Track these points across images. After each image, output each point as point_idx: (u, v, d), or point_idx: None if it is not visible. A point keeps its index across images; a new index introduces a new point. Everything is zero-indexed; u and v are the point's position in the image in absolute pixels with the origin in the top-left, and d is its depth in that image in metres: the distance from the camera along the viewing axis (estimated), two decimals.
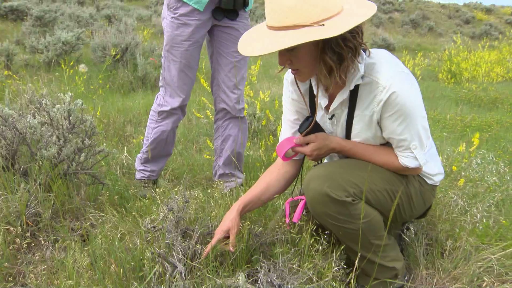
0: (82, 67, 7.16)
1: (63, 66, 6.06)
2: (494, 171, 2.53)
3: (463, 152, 2.75)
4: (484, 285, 1.87)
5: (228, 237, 1.74)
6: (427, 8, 31.41)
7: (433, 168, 1.82)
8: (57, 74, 6.45)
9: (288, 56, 1.56)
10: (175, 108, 2.68)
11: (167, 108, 2.67)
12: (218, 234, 1.73)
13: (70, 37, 7.79)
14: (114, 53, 6.92)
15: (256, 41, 1.54)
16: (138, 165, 2.87)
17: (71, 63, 6.63)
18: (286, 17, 1.44)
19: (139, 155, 2.88)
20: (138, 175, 2.87)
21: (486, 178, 2.45)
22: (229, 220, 1.75)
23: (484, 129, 4.88)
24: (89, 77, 6.58)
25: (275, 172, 1.93)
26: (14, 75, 5.81)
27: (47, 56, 7.40)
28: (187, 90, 2.69)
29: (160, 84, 2.73)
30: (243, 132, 2.85)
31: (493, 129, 4.93)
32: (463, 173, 2.44)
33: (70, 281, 1.63)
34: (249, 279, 1.62)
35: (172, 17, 2.55)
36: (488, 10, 32.82)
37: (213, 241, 1.72)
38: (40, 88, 4.38)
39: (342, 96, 1.67)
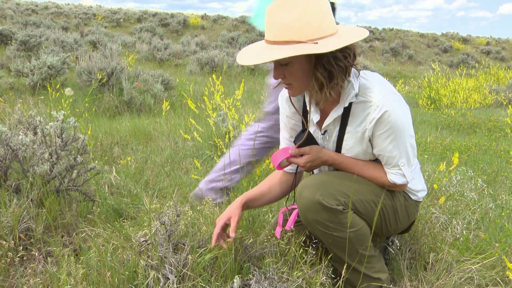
0: (68, 91, 7.16)
1: (49, 89, 6.09)
2: (473, 187, 2.63)
3: (443, 171, 2.85)
4: None
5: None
6: (406, 37, 32.24)
7: (417, 184, 1.91)
8: (42, 97, 6.47)
9: (282, 71, 1.65)
10: None
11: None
12: (220, 221, 1.79)
13: (55, 61, 7.82)
14: (100, 76, 6.98)
15: (253, 53, 1.64)
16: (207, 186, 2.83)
17: (57, 86, 6.66)
18: (283, 33, 1.54)
19: (212, 185, 2.83)
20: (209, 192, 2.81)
21: (465, 194, 2.55)
22: (231, 210, 1.82)
23: (463, 152, 5.02)
24: (74, 101, 6.60)
25: (277, 178, 2.03)
26: (0, 98, 5.82)
27: (32, 79, 7.41)
28: None
29: None
30: None
31: (471, 151, 5.07)
32: (443, 188, 2.53)
33: None
34: None
35: None
36: (465, 40, 33.82)
37: (217, 229, 1.77)
38: (28, 109, 4.40)
39: (337, 112, 1.76)
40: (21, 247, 2.10)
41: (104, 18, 27.94)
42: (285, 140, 2.03)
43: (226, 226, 1.81)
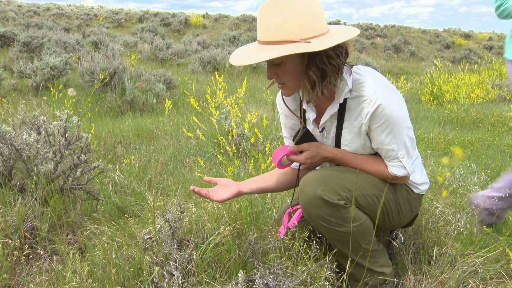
0: (71, 91, 7.20)
1: (52, 89, 6.11)
2: (477, 181, 2.63)
3: (446, 164, 2.85)
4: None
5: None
6: (408, 33, 32.14)
7: (419, 177, 1.91)
8: (45, 98, 6.49)
9: (275, 70, 1.66)
10: None
11: None
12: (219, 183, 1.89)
13: (58, 62, 7.83)
14: (102, 77, 6.99)
15: (246, 54, 1.65)
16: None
17: (60, 86, 6.67)
18: (275, 34, 1.55)
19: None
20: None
21: (469, 187, 2.54)
22: (228, 190, 1.87)
23: (466, 147, 5.01)
24: (77, 101, 6.62)
25: (278, 171, 2.05)
26: (3, 99, 5.84)
27: (35, 80, 7.42)
28: None
29: None
30: None
31: (474, 146, 5.07)
32: (447, 182, 2.53)
33: None
34: (245, 284, 1.68)
35: None
36: (467, 36, 33.70)
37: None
38: (32, 109, 4.42)
39: (333, 109, 1.76)
40: (26, 246, 2.11)
41: (105, 18, 27.97)
42: (286, 140, 2.05)
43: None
